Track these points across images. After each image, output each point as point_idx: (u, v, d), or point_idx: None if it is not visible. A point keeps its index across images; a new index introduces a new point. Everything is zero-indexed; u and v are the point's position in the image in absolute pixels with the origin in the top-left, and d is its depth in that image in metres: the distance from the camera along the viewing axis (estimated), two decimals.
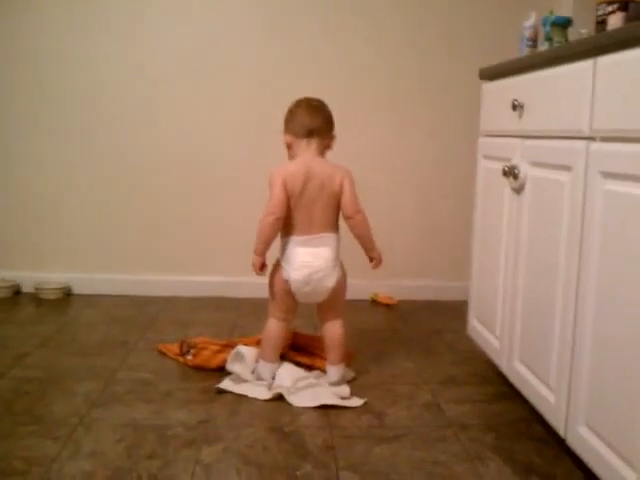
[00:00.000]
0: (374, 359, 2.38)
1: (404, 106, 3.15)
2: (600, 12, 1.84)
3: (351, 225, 2.11)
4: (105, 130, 3.11)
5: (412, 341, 2.62)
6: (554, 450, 1.74)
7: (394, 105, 3.15)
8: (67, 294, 3.15)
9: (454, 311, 2.99)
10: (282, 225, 2.07)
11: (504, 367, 2.02)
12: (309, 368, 2.20)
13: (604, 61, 1.42)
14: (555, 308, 1.63)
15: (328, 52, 3.09)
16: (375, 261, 2.17)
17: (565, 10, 2.68)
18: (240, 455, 1.68)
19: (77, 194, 3.14)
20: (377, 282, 3.17)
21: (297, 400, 1.99)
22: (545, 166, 1.72)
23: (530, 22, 2.17)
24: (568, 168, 1.56)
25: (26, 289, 3.15)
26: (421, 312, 3.05)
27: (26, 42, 3.03)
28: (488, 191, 2.19)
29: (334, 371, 2.12)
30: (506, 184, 1.95)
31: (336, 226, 2.11)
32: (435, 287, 3.25)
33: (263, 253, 2.08)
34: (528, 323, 1.83)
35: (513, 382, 1.96)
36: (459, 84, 3.10)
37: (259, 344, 2.24)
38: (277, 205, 2.02)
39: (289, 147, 2.15)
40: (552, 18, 2.05)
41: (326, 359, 2.15)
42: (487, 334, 2.18)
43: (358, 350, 2.41)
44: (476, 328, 2.29)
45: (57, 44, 3.04)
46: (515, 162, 1.88)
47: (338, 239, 2.10)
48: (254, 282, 3.13)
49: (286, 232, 2.08)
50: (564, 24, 2.03)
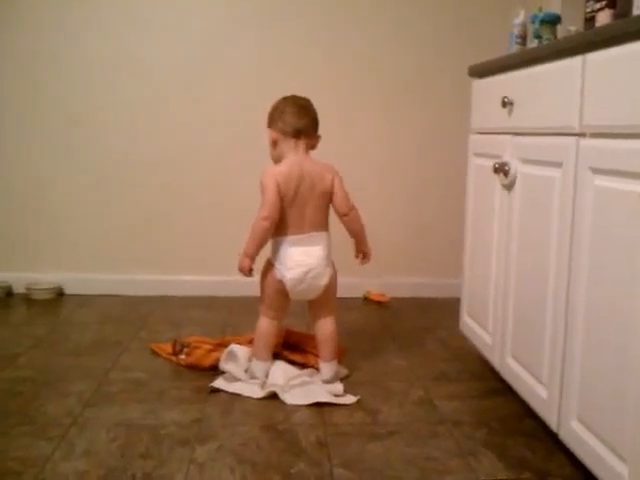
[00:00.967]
0: (367, 356, 2.39)
1: (394, 104, 3.16)
2: (589, 9, 1.86)
3: (347, 222, 2.12)
4: (95, 131, 3.10)
5: (404, 338, 2.62)
6: (547, 445, 1.75)
7: (383, 103, 3.15)
8: (59, 294, 3.14)
9: (446, 308, 3.00)
10: (277, 226, 2.07)
11: (496, 363, 2.03)
12: (302, 366, 2.21)
13: (593, 58, 1.43)
14: (546, 304, 1.64)
15: (317, 51, 3.09)
16: (367, 256, 2.19)
17: (554, 7, 2.68)
18: (234, 453, 1.68)
19: (69, 194, 3.13)
20: (369, 280, 3.18)
21: (290, 398, 2.00)
22: (535, 163, 1.73)
23: (519, 19, 2.18)
24: (558, 164, 1.57)
25: (18, 290, 3.14)
26: (413, 309, 3.06)
27: (22, 42, 3.02)
28: (479, 188, 2.20)
29: (327, 368, 2.12)
30: (497, 181, 1.96)
31: (327, 224, 2.12)
32: (427, 284, 3.26)
33: (254, 256, 2.07)
34: (520, 319, 1.84)
35: (505, 378, 1.97)
36: (449, 81, 3.11)
37: (252, 343, 2.24)
38: (271, 209, 2.02)
39: (274, 144, 2.13)
40: (541, 15, 2.06)
41: (319, 357, 2.16)
42: (479, 330, 2.19)
43: (350, 347, 2.41)
44: (468, 324, 2.30)
45: (52, 43, 3.03)
46: (505, 159, 1.89)
47: (329, 237, 2.11)
48: (246, 281, 3.13)
49: (278, 232, 2.08)
50: (553, 21, 2.04)
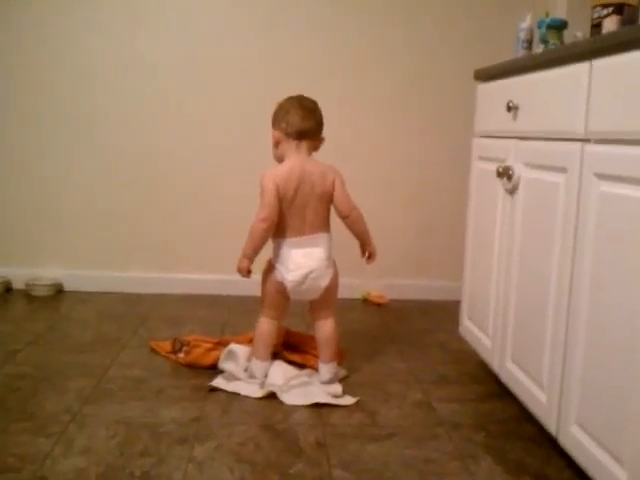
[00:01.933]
0: (366, 358, 2.39)
1: (397, 106, 3.16)
2: (595, 15, 1.85)
3: (349, 223, 2.12)
4: (95, 129, 3.09)
5: (404, 340, 2.62)
6: (545, 449, 1.76)
7: (387, 105, 3.16)
8: (59, 291, 3.14)
9: (446, 311, 3.00)
10: (274, 228, 2.07)
11: (496, 366, 2.03)
12: (301, 367, 2.21)
13: (600, 64, 1.43)
14: (548, 308, 1.64)
15: (322, 53, 3.09)
16: (372, 256, 2.19)
17: (560, 12, 2.69)
18: (232, 453, 1.68)
19: (69, 191, 3.13)
20: (369, 281, 3.18)
21: (289, 398, 2.00)
22: (539, 167, 1.73)
23: (526, 24, 2.18)
24: (563, 169, 1.57)
25: (17, 286, 3.14)
26: (413, 311, 3.06)
27: (24, 40, 3.01)
28: (482, 192, 2.20)
29: (326, 369, 2.12)
30: (500, 185, 1.96)
31: (328, 225, 2.11)
32: (427, 286, 3.26)
33: (253, 258, 2.07)
34: (520, 323, 1.84)
35: (505, 381, 1.97)
36: (454, 85, 3.10)
37: (251, 342, 2.24)
38: (270, 212, 2.02)
39: (277, 144, 2.12)
40: (548, 20, 2.06)
41: (318, 357, 2.16)
42: (479, 333, 2.19)
43: (350, 349, 2.41)
44: (468, 327, 2.30)
45: (55, 42, 3.02)
46: (509, 163, 1.89)
47: (330, 238, 2.11)
48: (246, 280, 3.13)
49: (279, 234, 2.08)
50: (559, 26, 2.04)
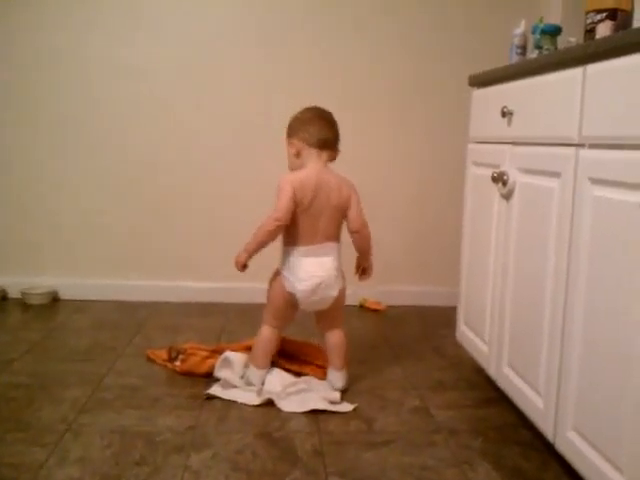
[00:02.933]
0: (363, 364, 2.38)
1: (394, 112, 3.16)
2: (589, 21, 1.86)
3: (357, 238, 2.11)
4: (93, 136, 3.09)
5: (401, 346, 2.62)
6: (542, 455, 1.75)
7: (383, 111, 3.16)
8: (54, 299, 3.13)
9: (443, 317, 3.00)
10: (285, 234, 2.06)
11: (493, 372, 2.02)
12: (298, 375, 2.20)
13: (593, 69, 1.43)
14: (544, 313, 1.64)
15: (322, 58, 3.10)
16: (367, 272, 2.20)
17: (554, 18, 2.70)
18: (229, 461, 1.67)
19: (64, 199, 3.12)
20: (365, 288, 3.16)
21: (287, 405, 1.99)
22: (534, 172, 1.73)
23: (520, 30, 2.18)
24: (557, 174, 1.57)
25: (13, 294, 3.13)
26: (410, 318, 3.06)
27: (22, 44, 3.01)
28: (477, 197, 2.20)
29: (338, 377, 2.13)
30: (495, 190, 1.96)
31: (339, 236, 2.10)
32: (424, 293, 3.25)
33: (253, 254, 2.05)
34: (517, 328, 1.84)
35: (502, 387, 1.96)
36: (450, 91, 3.11)
37: (248, 350, 2.23)
38: (284, 212, 2.00)
39: (297, 154, 2.11)
40: (542, 26, 2.06)
41: (323, 366, 2.17)
42: (476, 339, 2.18)
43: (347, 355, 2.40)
44: (465, 333, 2.30)
45: (53, 45, 3.02)
46: (504, 168, 1.89)
47: (340, 248, 2.10)
48: (242, 288, 3.15)
49: (290, 241, 2.06)
50: (554, 32, 2.04)
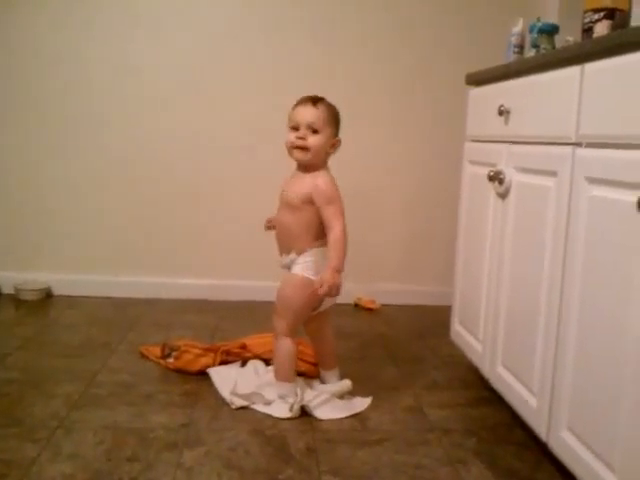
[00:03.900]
0: (357, 363, 2.38)
1: (389, 112, 3.16)
2: (587, 20, 1.85)
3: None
4: (88, 132, 3.08)
5: (395, 345, 2.62)
6: (536, 454, 1.75)
7: (379, 111, 3.15)
8: (48, 295, 3.11)
9: (437, 316, 2.99)
10: (320, 236, 1.96)
11: (487, 371, 2.02)
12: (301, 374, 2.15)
13: (591, 68, 1.43)
14: (539, 312, 1.64)
15: (317, 59, 3.09)
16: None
17: (552, 17, 2.70)
18: (222, 459, 1.66)
19: (59, 195, 3.11)
20: (360, 286, 3.17)
21: (323, 413, 1.92)
22: (531, 171, 1.73)
23: (517, 29, 2.18)
24: (553, 173, 1.57)
25: (6, 290, 3.11)
26: (404, 317, 3.05)
27: (21, 44, 3.00)
28: (473, 196, 2.19)
29: (332, 374, 2.12)
30: (491, 189, 1.96)
31: None
32: (418, 292, 3.25)
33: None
34: (511, 327, 1.83)
35: (495, 386, 1.96)
36: (447, 89, 3.10)
37: (243, 348, 2.23)
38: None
39: (327, 155, 2.02)
40: (539, 25, 2.06)
41: (320, 366, 2.15)
42: (470, 338, 2.18)
43: (341, 354, 2.38)
44: (459, 332, 2.30)
45: (52, 45, 3.02)
46: (501, 167, 1.89)
47: None
48: (237, 285, 3.15)
49: (317, 243, 1.97)
50: (551, 31, 2.04)
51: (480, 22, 3.11)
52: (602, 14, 1.78)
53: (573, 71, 1.49)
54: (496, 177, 1.88)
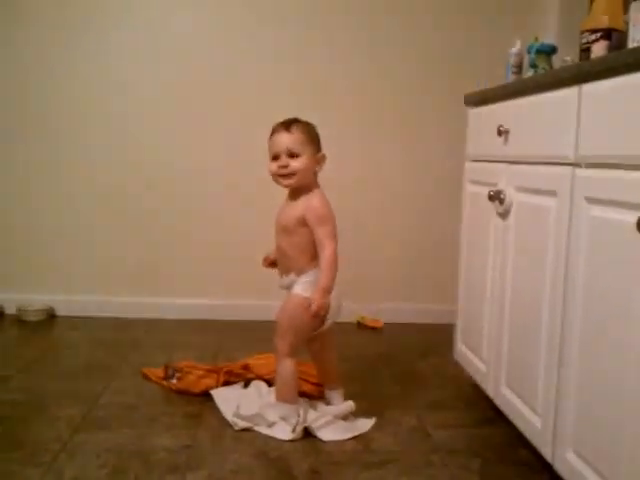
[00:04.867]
0: (360, 382, 2.37)
1: (389, 133, 3.17)
2: (584, 40, 1.87)
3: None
4: (88, 152, 3.10)
5: (398, 364, 2.61)
6: (541, 476, 1.73)
7: (378, 132, 3.17)
8: (51, 316, 3.12)
9: (441, 334, 2.98)
10: (314, 257, 1.97)
11: (490, 391, 2.01)
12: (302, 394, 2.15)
13: (589, 88, 1.44)
14: (541, 332, 1.63)
15: (310, 74, 3.12)
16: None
17: (550, 38, 2.72)
18: None
19: (61, 216, 3.12)
20: (364, 305, 3.17)
21: (326, 434, 1.92)
22: (530, 191, 1.73)
23: (515, 49, 2.20)
24: (553, 193, 1.57)
25: (9, 311, 3.12)
26: (408, 335, 3.05)
27: (15, 61, 3.04)
28: (474, 215, 2.20)
29: (338, 394, 2.11)
30: (492, 209, 1.96)
31: None
32: (422, 310, 3.24)
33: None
34: (515, 347, 1.83)
35: (500, 406, 1.95)
36: (446, 109, 3.11)
37: (246, 369, 2.23)
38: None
39: (316, 173, 2.02)
40: (537, 45, 2.08)
41: (326, 386, 2.14)
42: (474, 358, 2.18)
43: (344, 373, 2.37)
44: (463, 352, 2.29)
45: (45, 60, 3.05)
46: (501, 187, 1.90)
47: None
48: (239, 305, 3.15)
49: (315, 264, 1.97)
50: (549, 52, 2.06)
51: (478, 42, 3.12)
52: (599, 34, 1.79)
53: (571, 92, 1.50)
54: (496, 197, 1.89)
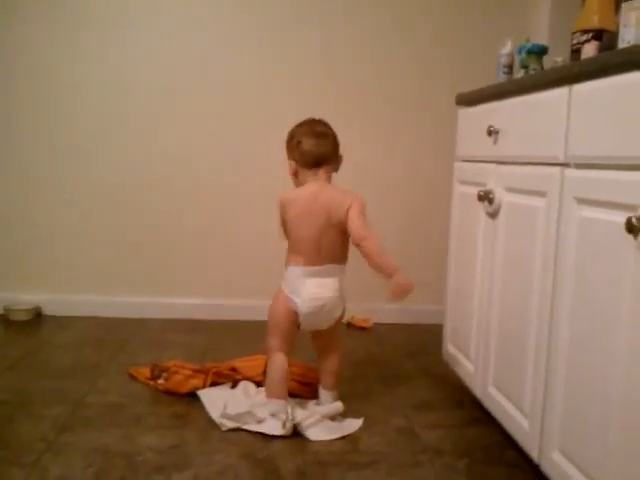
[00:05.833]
0: (348, 383, 2.35)
1: (379, 133, 3.17)
2: (575, 41, 1.87)
3: (361, 252, 1.96)
4: (77, 151, 3.08)
5: (387, 365, 2.60)
6: (528, 476, 1.73)
7: (368, 131, 3.16)
8: (38, 315, 3.09)
9: (429, 334, 2.98)
10: (289, 254, 2.04)
11: (478, 391, 2.01)
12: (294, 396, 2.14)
13: (579, 89, 1.44)
14: (529, 333, 1.63)
15: (312, 71, 3.11)
16: (393, 291, 1.98)
17: (541, 38, 2.72)
18: None
19: (48, 215, 3.10)
20: (353, 305, 3.15)
21: (315, 434, 1.91)
22: (520, 191, 1.73)
23: (506, 49, 2.19)
24: (542, 194, 1.57)
25: None
26: (396, 335, 3.04)
27: (11, 60, 3.01)
28: (464, 215, 2.20)
29: (329, 395, 2.09)
30: (481, 209, 1.96)
31: (344, 256, 2.04)
32: (411, 310, 3.23)
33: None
34: (502, 348, 1.83)
35: (487, 407, 1.95)
36: (436, 110, 3.12)
37: (233, 371, 2.21)
38: (278, 230, 2.08)
39: (295, 174, 2.08)
40: (528, 46, 2.07)
41: (320, 383, 2.13)
42: (462, 358, 2.17)
43: None
44: (451, 352, 2.29)
45: (44, 63, 3.02)
46: (490, 187, 1.89)
47: (344, 270, 2.04)
48: (228, 304, 3.13)
49: (294, 261, 2.00)
50: (539, 52, 2.06)
51: (469, 42, 3.12)
52: (590, 35, 1.79)
53: (561, 92, 1.50)
54: (486, 197, 1.88)
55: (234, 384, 2.22)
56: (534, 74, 1.90)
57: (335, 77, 3.12)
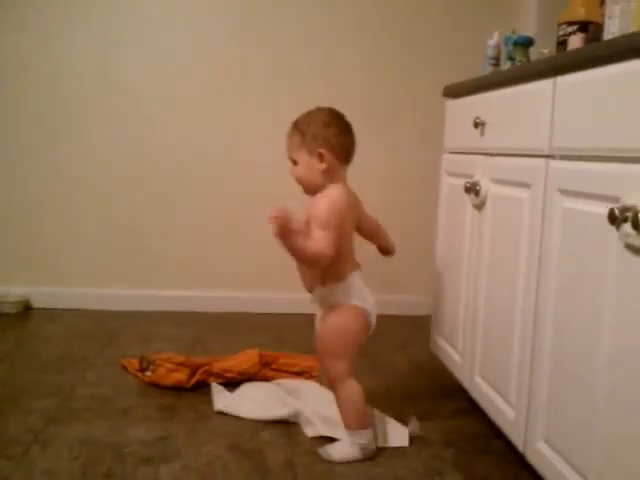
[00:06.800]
0: None
1: (367, 123, 3.16)
2: (561, 32, 1.87)
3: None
4: (67, 144, 3.07)
5: (375, 356, 2.61)
6: (514, 466, 1.75)
7: (357, 121, 3.15)
8: (27, 308, 3.09)
9: (418, 326, 2.99)
10: (339, 262, 1.77)
11: (466, 382, 2.02)
12: None
13: (563, 80, 1.44)
14: (514, 324, 1.64)
15: (303, 66, 3.12)
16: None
17: (528, 30, 2.72)
18: (199, 473, 1.65)
19: (38, 206, 3.09)
20: None
21: (312, 431, 1.89)
22: (505, 183, 1.74)
23: (493, 41, 2.19)
24: (527, 185, 1.58)
25: None
26: (385, 327, 3.00)
27: (9, 59, 3.01)
28: (451, 207, 2.20)
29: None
30: (468, 200, 1.97)
31: None
32: (399, 302, 3.25)
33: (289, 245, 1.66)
34: (488, 339, 1.84)
35: (474, 397, 1.96)
36: (423, 101, 3.12)
37: (225, 371, 2.19)
38: (333, 240, 1.72)
39: (327, 171, 1.78)
40: (514, 37, 2.07)
41: (300, 373, 2.14)
42: (449, 349, 2.18)
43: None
44: (439, 343, 2.30)
45: (41, 61, 3.02)
46: (477, 179, 1.90)
47: None
48: (218, 297, 3.13)
49: (350, 267, 1.82)
50: (526, 44, 2.06)
51: (457, 34, 3.13)
52: (576, 27, 1.79)
53: (546, 84, 1.50)
54: (472, 188, 1.89)
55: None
56: (520, 66, 1.91)
57: (320, 69, 3.12)
